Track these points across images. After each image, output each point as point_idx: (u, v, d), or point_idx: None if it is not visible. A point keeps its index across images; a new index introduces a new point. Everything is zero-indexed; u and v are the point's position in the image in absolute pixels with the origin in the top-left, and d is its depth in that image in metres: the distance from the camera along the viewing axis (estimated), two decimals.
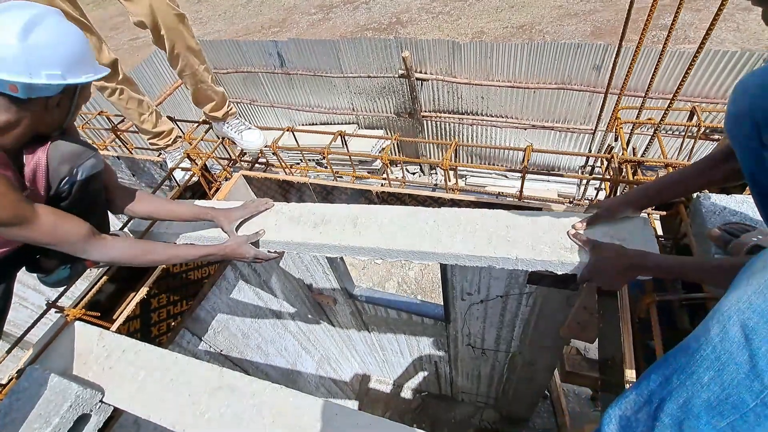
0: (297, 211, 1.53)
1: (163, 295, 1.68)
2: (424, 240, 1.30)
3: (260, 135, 2.01)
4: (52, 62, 0.99)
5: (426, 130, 5.73)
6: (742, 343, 0.56)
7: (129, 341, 1.36)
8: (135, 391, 1.22)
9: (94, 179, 1.26)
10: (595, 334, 1.79)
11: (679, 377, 0.64)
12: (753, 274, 0.59)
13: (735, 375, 0.56)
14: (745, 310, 0.57)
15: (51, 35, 0.99)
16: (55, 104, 1.08)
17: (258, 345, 2.55)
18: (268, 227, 1.48)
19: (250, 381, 1.17)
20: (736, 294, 0.59)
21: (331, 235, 1.40)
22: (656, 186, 1.13)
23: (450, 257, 1.27)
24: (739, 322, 0.57)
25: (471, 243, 1.25)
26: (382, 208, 1.45)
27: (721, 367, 0.58)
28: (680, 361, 0.65)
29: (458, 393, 4.48)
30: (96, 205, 1.37)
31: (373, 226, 1.39)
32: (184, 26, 1.61)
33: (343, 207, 1.50)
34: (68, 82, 1.03)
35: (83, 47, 1.07)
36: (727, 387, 0.57)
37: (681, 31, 7.10)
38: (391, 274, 5.42)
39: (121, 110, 1.96)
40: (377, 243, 1.33)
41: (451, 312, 2.71)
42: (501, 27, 8.80)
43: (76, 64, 1.05)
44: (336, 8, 11.32)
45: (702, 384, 0.60)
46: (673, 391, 0.64)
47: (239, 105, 6.64)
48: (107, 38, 12.76)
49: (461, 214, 1.35)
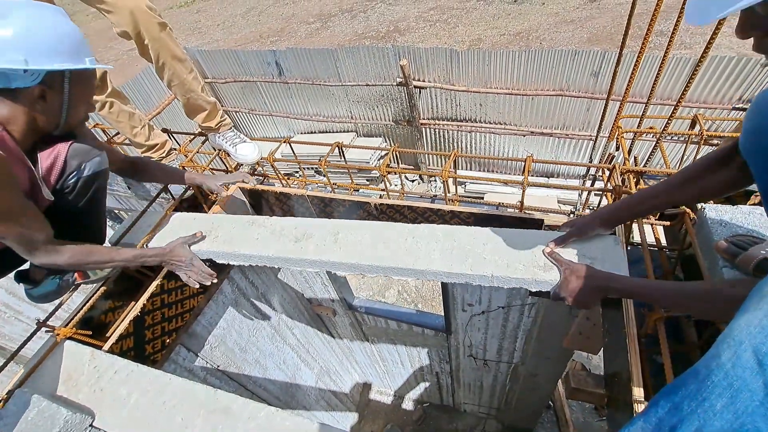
0: (279, 225, 1.52)
1: (157, 312, 1.64)
2: (403, 256, 1.31)
3: (255, 148, 1.99)
4: (15, 47, 0.96)
5: (425, 138, 5.73)
6: (756, 369, 0.53)
7: (121, 361, 1.32)
8: (126, 416, 1.17)
9: (98, 176, 1.29)
10: (599, 345, 1.76)
11: (690, 404, 0.61)
12: (763, 297, 0.56)
13: (749, 403, 0.54)
14: (757, 334, 0.54)
15: (19, 22, 0.97)
16: (38, 95, 1.05)
17: (256, 359, 2.51)
18: (250, 240, 1.48)
19: (245, 403, 1.13)
20: (747, 318, 0.57)
21: (311, 250, 1.40)
22: (628, 202, 1.13)
23: (428, 274, 1.28)
24: (752, 347, 0.54)
25: (448, 260, 1.27)
26: (363, 224, 1.46)
27: (734, 394, 0.55)
28: (690, 387, 0.62)
29: (460, 404, 4.42)
30: (97, 203, 1.37)
31: (353, 241, 1.40)
32: (166, 34, 1.59)
33: (325, 221, 1.50)
34: (30, 67, 0.99)
35: (60, 35, 1.04)
36: (741, 415, 0.54)
37: (677, 36, 7.14)
38: (391, 282, 5.37)
39: (112, 123, 1.94)
40: (357, 259, 1.34)
41: (452, 323, 2.67)
42: (498, 34, 8.85)
43: (48, 52, 1.01)
44: (334, 17, 11.40)
45: (714, 411, 0.57)
46: (684, 419, 0.61)
47: (238, 114, 6.64)
48: (106, 49, 12.86)
49: (439, 231, 1.36)
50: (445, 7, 10.48)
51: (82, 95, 1.17)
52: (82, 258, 1.25)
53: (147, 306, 1.57)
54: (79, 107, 1.19)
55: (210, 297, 1.95)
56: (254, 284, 2.36)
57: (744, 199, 1.43)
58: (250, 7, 13.60)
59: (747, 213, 1.17)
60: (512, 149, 5.41)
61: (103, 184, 1.35)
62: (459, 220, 1.69)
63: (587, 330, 1.76)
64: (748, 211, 1.18)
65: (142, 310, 1.54)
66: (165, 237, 1.60)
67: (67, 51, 1.06)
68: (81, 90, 1.15)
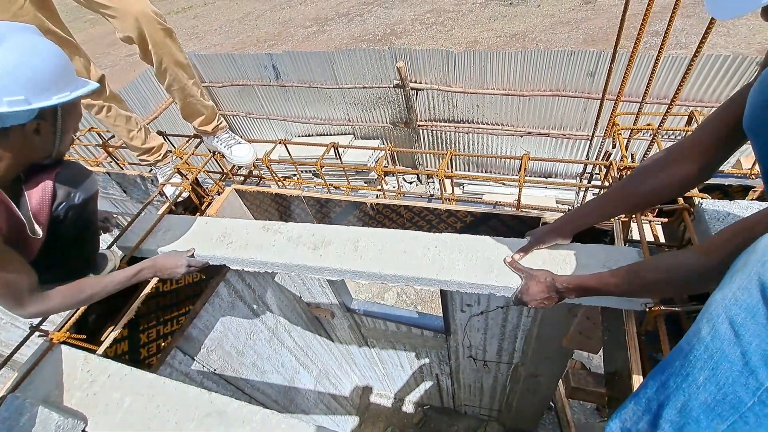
0: (296, 231, 1.50)
1: (152, 315, 1.62)
2: (426, 266, 1.29)
3: (250, 149, 1.98)
4: (12, 88, 0.89)
5: (422, 140, 5.73)
6: (733, 340, 0.55)
7: (115, 365, 1.30)
8: (119, 420, 1.16)
9: (90, 201, 1.26)
10: (598, 344, 1.74)
11: (675, 380, 0.63)
12: (735, 273, 0.59)
13: (729, 373, 0.55)
14: (732, 306, 0.56)
15: (9, 58, 0.89)
16: (32, 131, 0.98)
17: (253, 362, 2.48)
18: (266, 247, 1.46)
19: (240, 406, 1.11)
20: (722, 293, 0.59)
21: (331, 259, 1.38)
22: (582, 211, 1.15)
23: (452, 284, 1.26)
24: (728, 319, 0.56)
25: (473, 270, 1.25)
26: (383, 231, 1.43)
27: (714, 366, 0.57)
28: (675, 365, 0.65)
29: (461, 406, 4.39)
30: (91, 226, 1.35)
31: (374, 249, 1.37)
32: (171, 41, 1.58)
33: (343, 229, 1.48)
34: (34, 107, 0.92)
35: (53, 66, 0.97)
36: (723, 386, 0.56)
37: (672, 36, 7.17)
38: (390, 285, 5.36)
39: (109, 127, 1.93)
40: (379, 268, 1.32)
41: (451, 324, 2.65)
42: (494, 36, 8.89)
43: (45, 86, 0.94)
44: (331, 21, 11.44)
45: (698, 385, 0.59)
46: (670, 395, 0.63)
47: (235, 118, 6.64)
48: (104, 55, 12.88)
49: (462, 241, 1.34)
50: (441, 9, 10.52)
51: (74, 119, 1.12)
52: (74, 297, 1.19)
53: (142, 309, 1.55)
54: (70, 132, 1.14)
55: (206, 300, 1.93)
56: (251, 287, 2.34)
57: (742, 194, 1.43)
58: (247, 12, 13.65)
59: (745, 208, 1.16)
60: (509, 150, 5.42)
61: (95, 207, 1.31)
62: (456, 219, 1.68)
63: (587, 329, 1.75)
64: (746, 206, 1.17)
65: (136, 313, 1.53)
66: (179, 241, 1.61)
67: (62, 79, 0.99)
68: (72, 116, 1.11)
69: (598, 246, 1.26)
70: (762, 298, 0.53)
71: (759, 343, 0.52)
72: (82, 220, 1.26)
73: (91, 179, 1.27)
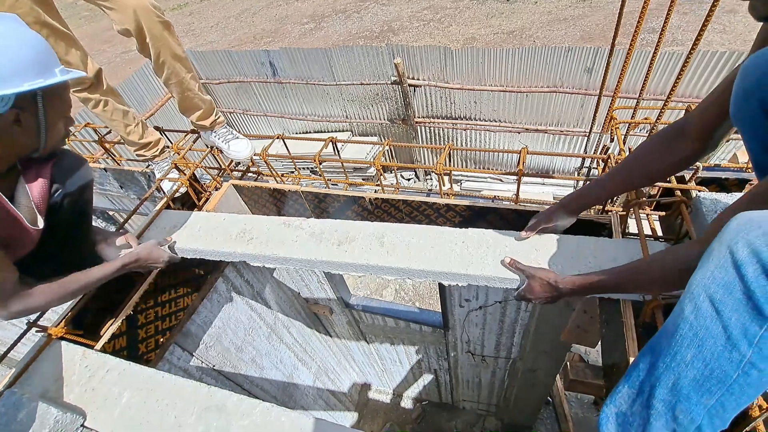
0: (318, 227, 1.49)
1: (150, 311, 1.62)
2: (455, 262, 1.28)
3: (248, 144, 1.97)
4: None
5: (420, 136, 5.72)
6: (714, 316, 0.58)
7: (113, 360, 1.29)
8: (118, 415, 1.15)
9: (85, 189, 1.26)
10: (596, 338, 1.75)
11: (664, 360, 0.65)
12: (712, 251, 0.61)
13: (714, 348, 0.58)
14: (711, 284, 0.59)
15: None
16: (11, 121, 0.95)
17: (252, 358, 2.48)
18: (288, 243, 1.46)
19: (240, 400, 1.11)
20: (701, 272, 0.61)
21: (357, 254, 1.37)
22: (589, 188, 1.17)
23: (482, 279, 1.25)
24: (708, 297, 0.59)
25: (502, 267, 1.24)
26: (406, 227, 1.43)
27: (699, 343, 0.60)
28: (662, 345, 0.66)
29: (459, 401, 4.41)
30: (86, 215, 1.34)
31: (401, 245, 1.37)
32: (169, 33, 1.57)
33: (367, 224, 1.47)
34: (1, 93, 0.88)
35: (26, 51, 0.92)
36: (710, 361, 0.59)
37: (669, 33, 7.19)
38: (388, 281, 5.36)
39: (106, 122, 1.91)
40: (408, 263, 1.31)
41: (449, 319, 2.66)
42: (492, 33, 8.88)
43: (16, 71, 0.90)
44: (327, 18, 11.40)
45: (686, 363, 0.61)
46: (661, 376, 0.65)
47: (232, 115, 6.61)
48: (100, 51, 12.77)
49: (489, 236, 1.34)
50: (438, 6, 10.50)
51: (59, 110, 1.07)
52: (58, 292, 1.17)
53: (140, 304, 1.55)
54: (58, 123, 1.09)
55: (204, 296, 1.93)
56: (249, 283, 2.34)
57: (738, 187, 1.44)
58: (243, 9, 13.57)
59: None
60: (507, 146, 5.42)
61: (90, 196, 1.32)
62: (454, 214, 1.69)
63: (585, 323, 1.75)
64: None
65: (134, 308, 1.52)
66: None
67: (36, 66, 0.94)
68: (57, 104, 1.05)
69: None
70: (737, 275, 0.55)
71: (738, 317, 0.55)
72: (77, 208, 1.26)
73: (86, 167, 1.27)
